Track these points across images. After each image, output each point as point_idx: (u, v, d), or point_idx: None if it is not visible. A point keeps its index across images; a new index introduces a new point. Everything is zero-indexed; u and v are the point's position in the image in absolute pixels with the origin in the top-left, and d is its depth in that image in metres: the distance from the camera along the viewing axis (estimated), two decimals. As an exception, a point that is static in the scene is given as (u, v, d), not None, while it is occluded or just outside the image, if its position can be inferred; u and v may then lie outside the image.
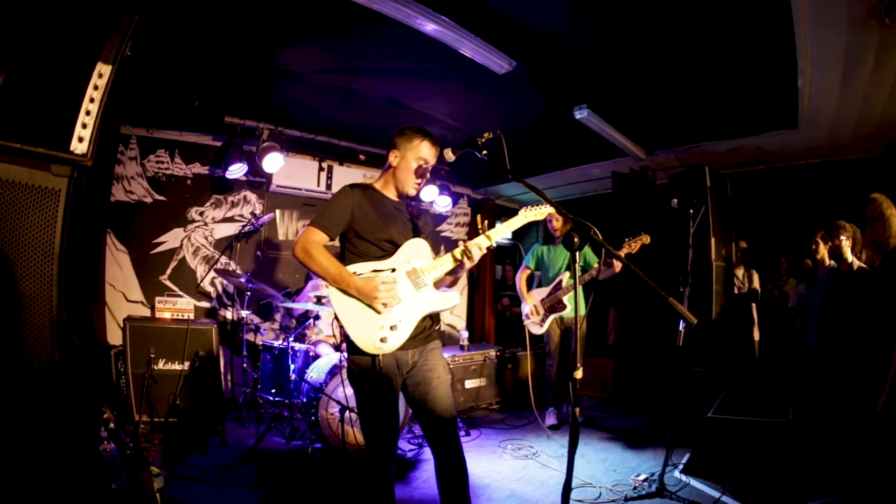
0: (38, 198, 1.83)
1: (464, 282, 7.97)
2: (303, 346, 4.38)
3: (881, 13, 2.92)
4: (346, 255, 2.28)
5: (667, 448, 3.38)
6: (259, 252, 5.94)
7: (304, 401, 3.98)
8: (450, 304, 2.34)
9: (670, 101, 4.60)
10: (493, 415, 5.28)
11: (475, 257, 2.24)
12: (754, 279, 5.53)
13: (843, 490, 2.77)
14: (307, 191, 6.03)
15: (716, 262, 4.93)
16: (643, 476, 3.40)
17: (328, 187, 6.08)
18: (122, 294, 5.11)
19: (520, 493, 3.25)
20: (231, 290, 5.58)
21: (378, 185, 2.41)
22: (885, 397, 2.61)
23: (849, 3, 2.89)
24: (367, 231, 2.24)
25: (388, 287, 2.12)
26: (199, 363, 4.18)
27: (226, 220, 5.73)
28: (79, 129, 1.90)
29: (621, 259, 1.79)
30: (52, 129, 1.87)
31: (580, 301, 1.88)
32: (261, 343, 4.76)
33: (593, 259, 4.65)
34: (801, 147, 5.30)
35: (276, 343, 4.46)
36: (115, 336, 4.70)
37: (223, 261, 5.63)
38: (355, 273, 2.15)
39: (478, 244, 2.25)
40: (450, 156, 2.26)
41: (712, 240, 4.92)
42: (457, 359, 5.27)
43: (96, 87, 1.94)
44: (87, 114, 1.92)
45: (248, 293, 4.66)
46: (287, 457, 3.79)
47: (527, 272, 4.96)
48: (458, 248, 2.26)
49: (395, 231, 2.29)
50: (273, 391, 4.41)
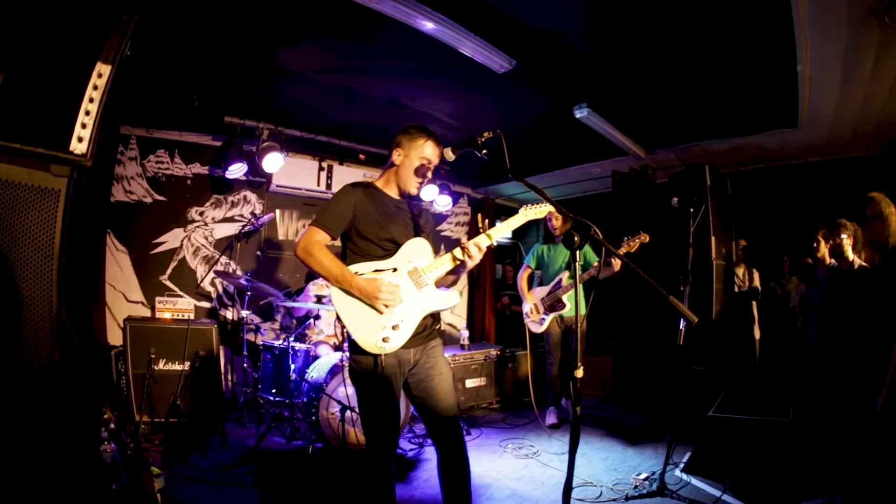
0: (37, 198, 1.82)
1: (464, 281, 7.97)
2: (303, 346, 4.38)
3: (881, 12, 2.91)
4: (348, 255, 2.28)
5: (668, 447, 3.38)
6: (259, 252, 5.94)
7: (305, 401, 3.98)
8: (450, 304, 2.34)
9: (670, 100, 4.60)
10: (493, 414, 5.28)
11: (476, 256, 2.24)
12: (755, 278, 5.53)
13: (844, 489, 2.77)
14: (307, 190, 6.03)
15: (716, 261, 4.93)
16: (644, 475, 3.40)
17: (328, 187, 6.07)
18: (123, 294, 5.11)
19: (520, 493, 3.25)
20: (231, 290, 5.58)
21: (380, 184, 2.40)
22: (885, 396, 2.61)
23: (849, 2, 2.88)
24: (369, 230, 2.23)
25: (390, 288, 2.12)
26: (200, 363, 4.18)
27: (226, 220, 5.73)
28: (78, 129, 1.90)
29: (621, 258, 1.79)
30: (52, 129, 1.87)
31: (580, 300, 1.87)
32: (261, 343, 4.76)
33: (593, 258, 4.64)
34: (802, 146, 5.30)
35: (276, 343, 4.46)
36: (115, 336, 4.70)
37: (223, 261, 5.63)
38: (357, 273, 2.15)
39: (478, 243, 2.24)
40: (450, 155, 2.25)
41: (712, 238, 4.92)
42: (457, 358, 5.27)
43: (96, 87, 1.94)
44: (87, 114, 1.91)
45: (249, 293, 4.66)
46: (288, 457, 3.78)
47: (528, 271, 4.96)
48: (460, 248, 2.26)
49: (397, 230, 2.29)
50: (273, 391, 4.41)
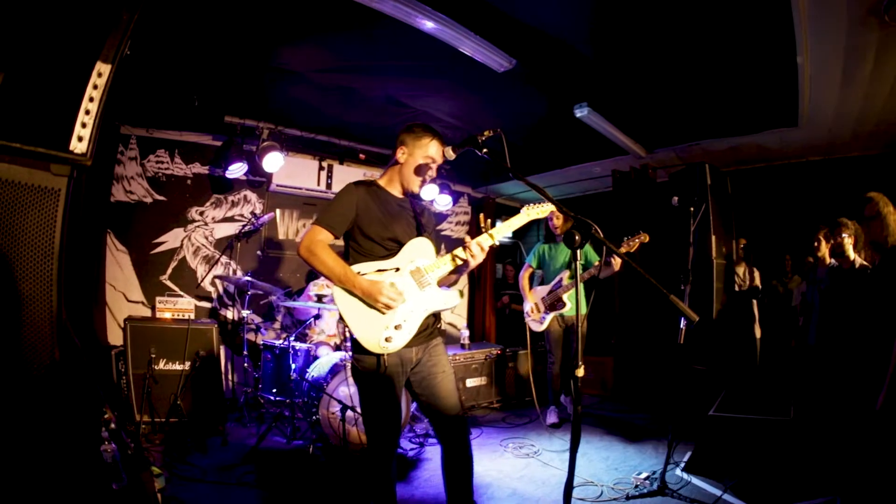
0: (37, 197, 1.82)
1: (465, 280, 7.96)
2: (304, 346, 4.38)
3: (881, 11, 2.91)
4: (351, 254, 2.28)
5: (668, 446, 3.38)
6: (260, 252, 5.94)
7: (306, 400, 3.98)
8: (452, 304, 2.35)
9: (671, 100, 4.59)
10: (493, 413, 5.28)
11: (479, 256, 2.24)
12: (755, 277, 5.53)
13: (845, 488, 2.77)
14: (307, 190, 6.03)
15: (716, 260, 4.93)
16: (645, 474, 3.40)
17: (328, 186, 6.07)
18: (123, 294, 5.11)
19: (521, 492, 3.25)
20: (232, 289, 5.57)
21: (382, 182, 2.40)
22: (884, 395, 2.61)
23: (849, 1, 2.88)
24: (372, 229, 2.23)
25: (392, 290, 2.12)
26: (200, 363, 4.18)
27: (226, 219, 5.73)
28: (78, 129, 1.89)
29: (622, 257, 1.78)
30: (52, 128, 1.87)
31: (581, 299, 1.87)
32: (262, 342, 4.76)
33: (594, 257, 4.64)
34: (802, 145, 5.30)
35: (277, 342, 4.46)
36: (115, 336, 4.70)
37: (223, 260, 5.63)
38: (360, 273, 2.15)
39: (481, 243, 2.24)
40: (450, 154, 2.26)
41: (713, 238, 4.92)
42: (458, 357, 5.27)
43: (96, 87, 1.93)
44: (87, 113, 1.91)
45: (249, 293, 4.66)
46: (288, 456, 3.78)
47: (529, 270, 4.96)
48: (462, 247, 2.26)
49: (400, 229, 2.29)
50: (274, 391, 4.41)
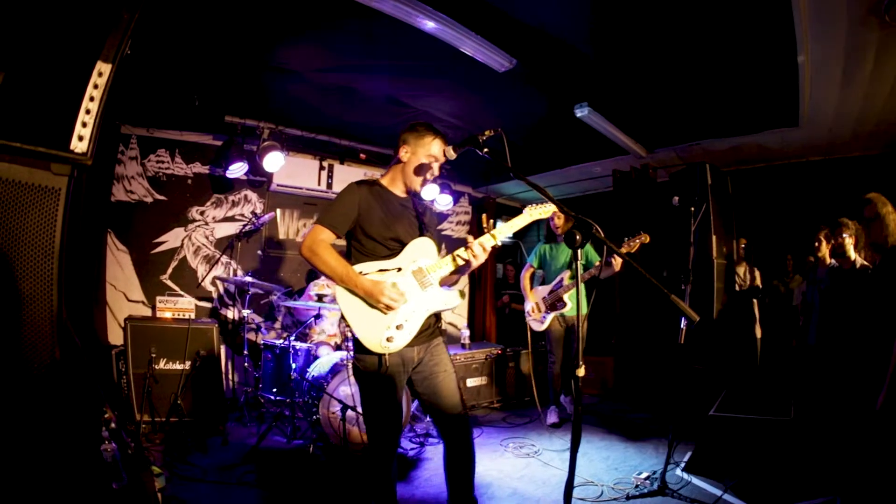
0: (37, 197, 1.82)
1: (465, 281, 7.96)
2: (304, 346, 4.38)
3: (881, 11, 2.91)
4: (353, 254, 2.28)
5: (669, 446, 3.38)
6: (260, 251, 5.94)
7: (306, 400, 3.98)
8: (452, 304, 2.36)
9: (671, 99, 4.59)
10: (494, 413, 5.28)
11: (481, 256, 2.25)
12: (756, 276, 5.52)
13: (845, 488, 2.76)
14: (308, 190, 6.03)
15: (717, 260, 4.92)
16: (645, 474, 3.40)
17: (329, 186, 6.07)
18: (123, 294, 5.11)
19: (521, 492, 3.25)
20: (232, 289, 5.57)
21: (385, 182, 2.40)
22: (884, 395, 2.61)
23: (849, 1, 2.88)
24: (374, 229, 2.24)
25: (394, 291, 2.12)
26: (200, 363, 4.18)
27: (226, 219, 5.73)
28: (79, 128, 1.89)
29: (623, 257, 1.78)
30: (52, 127, 1.86)
31: (581, 299, 1.87)
32: (262, 342, 4.76)
33: (595, 258, 4.65)
34: (802, 145, 5.30)
35: (277, 342, 4.46)
36: (116, 336, 4.70)
37: (224, 260, 5.63)
38: (362, 273, 2.15)
39: (483, 243, 2.25)
40: (451, 154, 2.26)
41: (713, 237, 4.91)
42: (458, 357, 5.27)
43: (96, 86, 1.93)
44: (87, 112, 1.90)
45: (249, 293, 4.66)
46: (288, 456, 3.78)
47: (531, 270, 4.97)
48: (464, 248, 2.27)
49: (402, 229, 2.30)
50: (274, 390, 4.41)
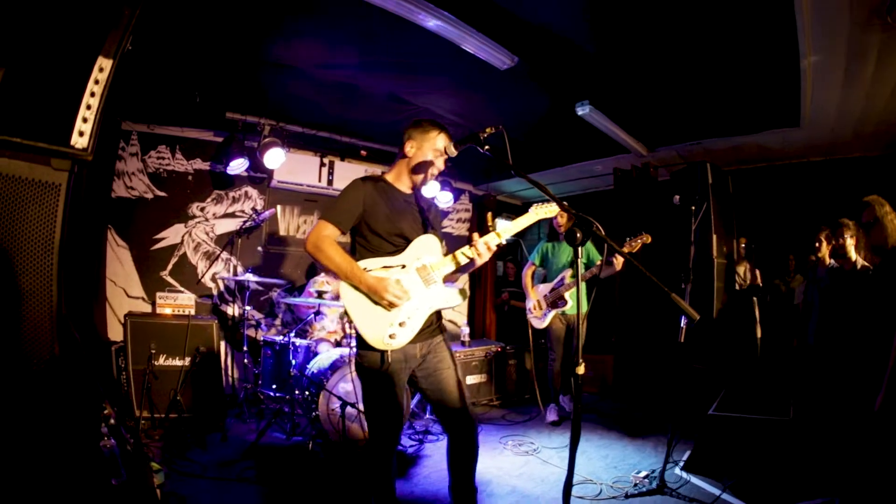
0: (38, 192, 1.82)
1: (465, 278, 7.96)
2: (304, 342, 4.38)
3: (884, 13, 2.90)
4: (357, 250, 2.29)
5: (668, 445, 3.38)
6: (261, 248, 5.94)
7: (305, 396, 3.98)
8: (454, 303, 2.37)
9: (673, 98, 4.58)
10: (493, 411, 5.28)
11: (485, 255, 2.25)
12: (756, 276, 5.52)
13: (844, 489, 2.77)
14: (308, 186, 6.04)
15: (717, 259, 4.92)
16: (644, 473, 3.40)
17: (329, 183, 6.07)
18: (123, 290, 5.11)
19: (521, 490, 3.25)
20: (232, 285, 5.57)
21: (390, 178, 2.40)
22: (883, 396, 2.61)
23: (851, 2, 2.88)
24: (379, 225, 2.24)
25: (398, 288, 2.13)
26: (200, 359, 4.18)
27: (227, 215, 5.73)
28: (79, 124, 1.89)
29: (623, 255, 1.78)
30: (53, 123, 1.86)
31: (582, 297, 1.87)
32: (262, 339, 4.76)
33: (596, 257, 4.65)
34: (803, 145, 5.29)
35: (277, 338, 4.46)
36: (115, 332, 4.70)
37: (224, 256, 5.62)
38: (366, 269, 2.16)
39: (488, 242, 2.25)
40: (452, 151, 2.26)
41: (714, 237, 4.91)
42: (458, 355, 5.25)
43: (97, 82, 1.93)
44: (88, 108, 1.90)
45: (249, 289, 4.66)
46: (288, 452, 3.79)
47: (532, 268, 4.97)
48: (469, 246, 2.27)
49: (406, 225, 2.30)
50: (274, 387, 4.41)
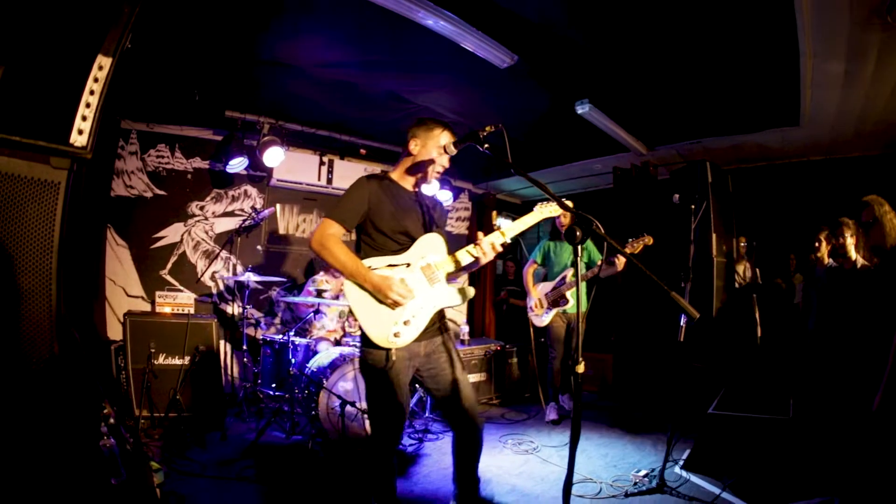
0: (37, 191, 1.81)
1: (464, 278, 7.95)
2: (303, 341, 4.38)
3: (883, 12, 2.90)
4: (362, 248, 2.30)
5: (667, 444, 3.38)
6: (260, 246, 5.93)
7: (305, 395, 3.98)
8: (458, 302, 2.38)
9: (672, 97, 4.58)
10: (493, 410, 5.28)
11: (489, 254, 2.26)
12: (756, 275, 5.52)
13: (843, 489, 2.77)
14: (308, 185, 6.04)
15: (717, 258, 4.92)
16: (643, 472, 3.41)
17: (329, 182, 6.07)
18: (123, 289, 5.10)
19: (520, 488, 3.25)
20: (232, 284, 5.57)
21: (394, 176, 2.41)
22: (881, 396, 2.61)
23: (851, 1, 2.87)
24: (384, 223, 2.25)
25: (402, 287, 2.14)
26: (200, 358, 4.18)
27: (226, 214, 5.72)
28: (78, 122, 1.88)
29: (623, 253, 1.78)
30: (52, 121, 1.85)
31: (582, 296, 1.87)
32: (261, 337, 4.76)
33: (598, 257, 4.66)
34: (803, 144, 5.29)
35: (276, 337, 4.46)
36: (115, 331, 4.69)
37: (223, 255, 5.62)
38: (371, 268, 2.17)
39: (493, 242, 2.26)
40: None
41: (713, 236, 4.90)
42: (457, 354, 5.26)
43: (96, 80, 1.92)
44: (87, 106, 1.90)
45: (249, 288, 4.65)
46: (287, 451, 3.79)
47: (534, 266, 4.97)
48: (473, 245, 2.28)
49: (411, 224, 2.31)
50: (273, 386, 4.41)
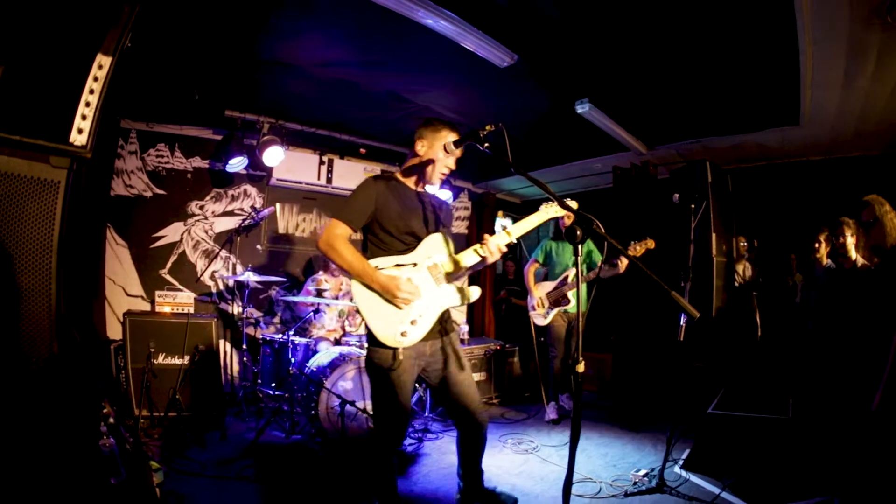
0: (36, 190, 1.81)
1: (464, 278, 7.95)
2: (303, 341, 4.38)
3: (884, 12, 2.90)
4: (369, 248, 2.31)
5: (667, 443, 3.38)
6: (259, 246, 5.93)
7: (304, 395, 3.98)
8: (456, 303, 2.38)
9: (672, 97, 4.58)
10: (492, 409, 5.28)
11: (495, 255, 2.28)
12: (755, 275, 5.52)
13: (843, 489, 2.77)
14: (308, 184, 6.04)
15: (717, 258, 4.91)
16: (643, 471, 3.41)
17: (329, 181, 6.07)
18: (122, 288, 5.09)
19: (520, 488, 3.25)
20: (231, 284, 5.57)
21: (401, 177, 2.43)
22: (880, 396, 2.61)
23: (852, 1, 2.87)
24: (390, 223, 2.26)
25: (409, 286, 2.16)
26: (199, 357, 4.18)
27: (226, 213, 5.71)
28: (78, 121, 1.88)
29: (624, 253, 1.78)
30: (52, 120, 1.85)
31: (582, 296, 1.88)
32: (261, 337, 4.76)
33: (598, 258, 4.66)
34: (803, 144, 5.29)
35: (276, 337, 4.45)
36: (114, 330, 4.68)
37: (223, 255, 5.61)
38: (378, 268, 2.18)
39: (499, 242, 2.28)
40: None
41: (713, 235, 4.90)
42: (458, 353, 5.26)
43: (96, 79, 1.92)
44: (87, 105, 1.89)
45: (248, 287, 4.65)
46: (287, 451, 3.79)
47: (535, 265, 4.97)
48: (480, 245, 2.29)
49: (417, 224, 2.32)
50: (273, 385, 4.41)
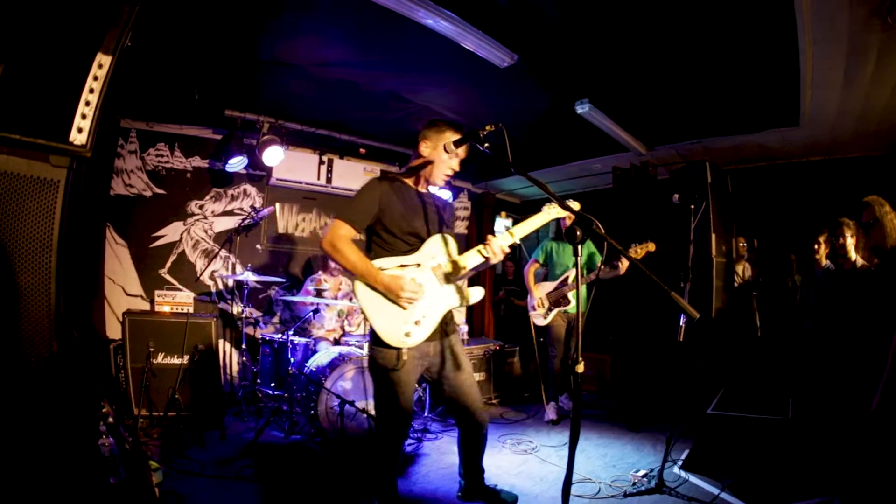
0: (36, 189, 1.81)
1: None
2: (303, 340, 4.38)
3: (884, 13, 2.91)
4: (373, 248, 2.31)
5: (666, 444, 3.38)
6: (259, 245, 5.93)
7: (304, 395, 3.98)
8: (459, 304, 2.38)
9: (672, 97, 4.58)
10: (492, 409, 5.27)
11: (499, 255, 2.29)
12: (755, 275, 5.52)
13: (843, 489, 2.77)
14: (307, 184, 6.03)
15: (716, 258, 4.92)
16: (642, 472, 3.41)
17: (328, 181, 6.07)
18: (122, 288, 5.09)
19: (519, 488, 3.24)
20: (231, 283, 5.56)
21: (405, 177, 2.43)
22: (879, 396, 2.61)
23: (852, 2, 2.88)
24: (394, 224, 2.27)
25: (413, 286, 2.16)
26: (199, 357, 4.18)
27: (225, 213, 5.71)
28: (78, 120, 1.88)
29: (624, 253, 1.78)
30: (52, 119, 1.85)
31: (582, 296, 1.88)
32: (260, 337, 4.75)
33: (598, 259, 4.66)
34: (803, 144, 5.29)
35: (275, 336, 4.45)
36: (114, 330, 4.68)
37: (223, 254, 5.61)
38: (381, 268, 2.18)
39: (502, 243, 2.29)
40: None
41: (713, 236, 4.90)
42: (457, 353, 5.26)
43: (96, 78, 1.92)
44: (87, 104, 1.89)
45: (248, 287, 4.65)
46: (286, 451, 3.79)
47: (535, 266, 4.97)
48: (483, 245, 2.30)
49: (420, 224, 2.33)
50: (272, 385, 4.41)
